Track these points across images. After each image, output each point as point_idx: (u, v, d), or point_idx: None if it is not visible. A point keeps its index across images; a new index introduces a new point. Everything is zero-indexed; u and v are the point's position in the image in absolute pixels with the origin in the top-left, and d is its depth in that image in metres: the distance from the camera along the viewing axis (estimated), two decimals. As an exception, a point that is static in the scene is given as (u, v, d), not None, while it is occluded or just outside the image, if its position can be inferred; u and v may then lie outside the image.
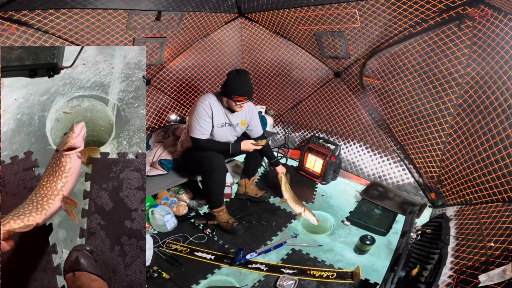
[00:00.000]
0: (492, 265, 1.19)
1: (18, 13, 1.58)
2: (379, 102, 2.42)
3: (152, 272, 1.70)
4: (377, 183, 2.57)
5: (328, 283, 1.67)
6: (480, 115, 1.72)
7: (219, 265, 1.82)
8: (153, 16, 2.10)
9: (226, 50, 2.90)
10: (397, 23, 1.97)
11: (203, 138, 2.01)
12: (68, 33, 1.84)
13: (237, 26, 2.78)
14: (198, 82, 2.99)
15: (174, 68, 2.75)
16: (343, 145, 2.79)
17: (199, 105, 1.99)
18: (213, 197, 2.07)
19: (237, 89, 1.92)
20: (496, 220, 1.50)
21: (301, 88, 2.96)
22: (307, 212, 2.05)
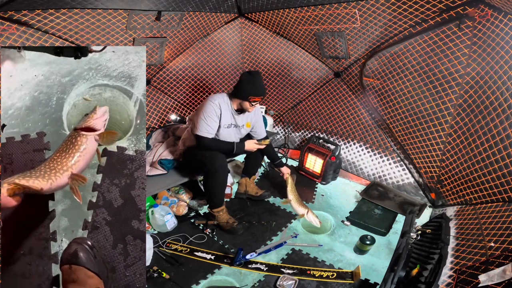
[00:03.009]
0: (492, 265, 1.19)
1: (18, 13, 1.58)
2: (379, 102, 2.42)
3: (152, 272, 1.70)
4: (377, 183, 2.57)
5: (328, 283, 1.67)
6: (480, 115, 1.72)
7: (219, 265, 1.82)
8: (153, 16, 2.10)
9: (226, 50, 2.90)
10: (397, 23, 1.97)
11: (208, 137, 2.01)
12: (68, 33, 1.84)
13: (237, 26, 2.78)
14: (198, 82, 2.98)
15: (174, 68, 2.75)
16: (343, 145, 2.79)
17: (208, 104, 1.99)
18: (214, 197, 2.08)
19: (253, 90, 1.96)
20: (496, 220, 1.50)
21: (301, 88, 2.96)
22: (310, 214, 2.05)
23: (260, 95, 2.00)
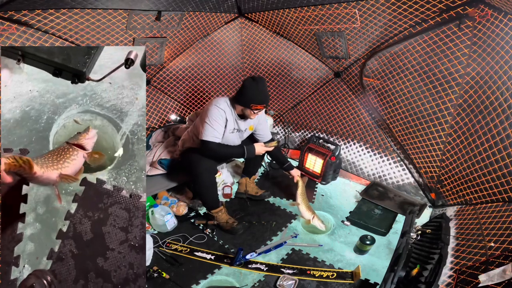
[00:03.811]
0: (492, 265, 1.19)
1: (18, 13, 1.58)
2: (379, 102, 2.42)
3: (152, 272, 1.70)
4: (377, 183, 2.57)
5: (328, 283, 1.67)
6: (480, 115, 1.72)
7: (219, 265, 1.82)
8: (153, 16, 2.10)
9: (226, 50, 2.90)
10: (397, 23, 1.96)
11: (215, 141, 1.94)
12: (68, 33, 1.84)
13: (237, 26, 2.78)
14: (198, 82, 2.99)
15: (174, 68, 2.75)
16: (343, 145, 2.79)
17: (214, 108, 1.93)
18: (207, 200, 2.07)
19: (255, 98, 1.88)
20: (496, 220, 1.50)
21: (301, 88, 2.96)
22: (316, 219, 2.05)
23: (263, 103, 1.92)
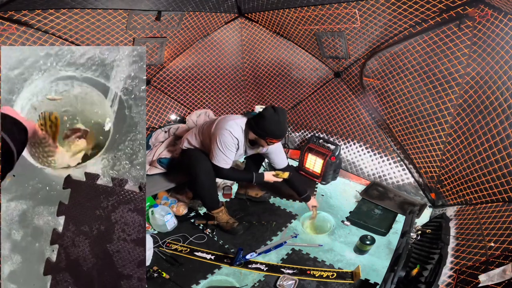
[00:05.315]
0: (492, 265, 1.19)
1: (18, 13, 1.58)
2: (379, 102, 2.41)
3: (152, 272, 1.70)
4: (377, 183, 2.57)
5: (328, 283, 1.67)
6: (480, 115, 1.72)
7: (219, 265, 1.82)
8: (153, 16, 2.10)
9: (226, 50, 2.90)
10: (397, 23, 1.96)
11: (226, 167, 1.96)
12: (68, 33, 1.84)
13: (237, 26, 2.78)
14: (198, 82, 2.99)
15: (174, 68, 2.75)
16: (343, 145, 2.79)
17: (227, 135, 1.85)
18: (206, 200, 2.08)
19: (273, 133, 1.80)
20: (496, 220, 1.50)
21: (301, 88, 2.96)
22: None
23: (279, 138, 1.85)
